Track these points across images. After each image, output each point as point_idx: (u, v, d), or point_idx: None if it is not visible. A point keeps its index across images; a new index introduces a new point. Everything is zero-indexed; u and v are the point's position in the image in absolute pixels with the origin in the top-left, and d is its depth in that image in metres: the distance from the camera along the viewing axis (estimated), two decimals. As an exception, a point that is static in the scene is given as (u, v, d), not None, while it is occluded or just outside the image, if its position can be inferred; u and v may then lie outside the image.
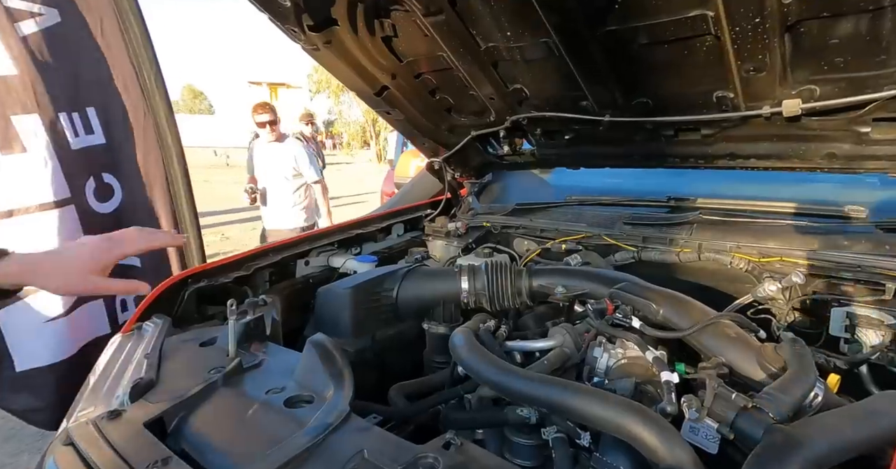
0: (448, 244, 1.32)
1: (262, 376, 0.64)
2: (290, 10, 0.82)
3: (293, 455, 0.45)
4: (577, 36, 0.70)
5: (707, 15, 0.59)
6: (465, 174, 1.38)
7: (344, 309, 0.89)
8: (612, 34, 0.68)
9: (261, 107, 2.52)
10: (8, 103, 1.18)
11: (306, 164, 2.52)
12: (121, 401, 0.58)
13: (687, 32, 0.63)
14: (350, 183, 9.14)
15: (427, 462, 0.43)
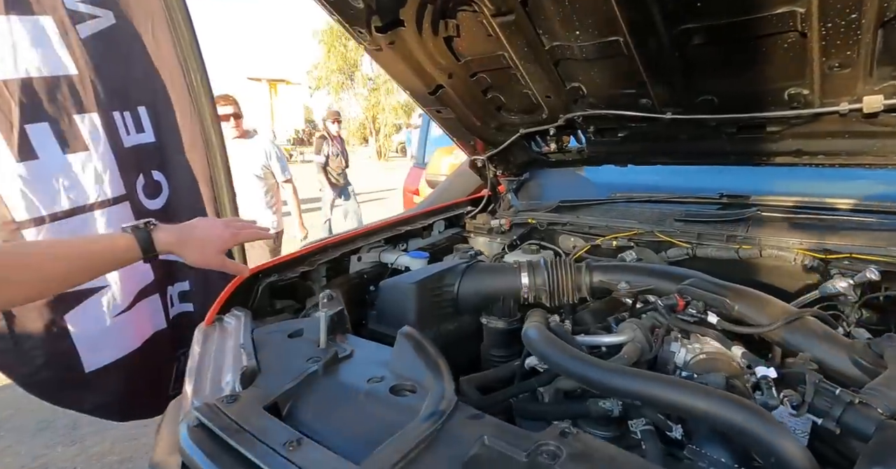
0: (491, 241, 1.34)
1: (357, 366, 0.66)
2: (361, 12, 0.84)
3: (418, 440, 0.48)
4: (652, 34, 0.72)
5: (797, 12, 0.59)
6: (507, 172, 1.40)
7: (409, 303, 0.91)
8: (689, 32, 0.69)
9: (222, 98, 2.25)
10: (71, 102, 1.21)
11: (277, 163, 2.39)
12: (231, 387, 0.61)
13: (770, 29, 0.64)
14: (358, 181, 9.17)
15: (549, 449, 0.46)
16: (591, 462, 0.44)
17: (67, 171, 1.22)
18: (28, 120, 1.15)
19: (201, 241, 0.72)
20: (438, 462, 0.47)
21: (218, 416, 0.55)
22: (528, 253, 1.20)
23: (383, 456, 0.47)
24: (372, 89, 24.91)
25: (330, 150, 3.80)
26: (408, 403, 0.57)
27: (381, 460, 0.46)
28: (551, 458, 0.45)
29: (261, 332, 0.76)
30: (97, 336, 1.24)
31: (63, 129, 1.21)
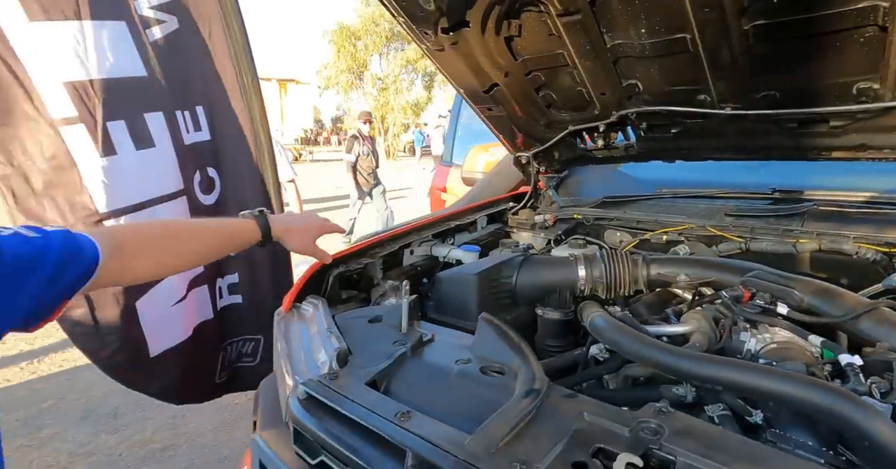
0: (535, 236, 1.37)
1: (441, 349, 0.70)
2: (431, 14, 0.88)
3: (522, 415, 0.51)
4: (722, 31, 0.74)
5: (879, 6, 0.61)
6: (549, 169, 1.43)
7: (471, 294, 0.95)
8: (760, 28, 0.71)
9: None
10: (141, 102, 1.28)
11: (281, 162, 2.42)
12: (329, 366, 0.65)
13: (847, 24, 0.65)
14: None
15: (650, 426, 0.48)
16: (693, 438, 0.47)
17: (138, 167, 1.29)
18: (109, 117, 1.23)
19: (302, 230, 0.81)
20: (545, 434, 0.50)
21: (326, 390, 0.59)
22: (575, 247, 1.23)
23: (492, 428, 0.50)
24: (381, 89, 25.07)
25: (361, 149, 3.87)
26: (501, 382, 0.60)
27: (491, 431, 0.50)
28: (653, 433, 0.48)
29: (342, 318, 0.80)
30: (159, 323, 1.31)
31: (135, 126, 1.28)
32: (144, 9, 1.28)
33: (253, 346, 1.58)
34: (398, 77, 24.73)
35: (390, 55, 24.59)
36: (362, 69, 24.91)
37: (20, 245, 0.49)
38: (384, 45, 24.02)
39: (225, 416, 2.25)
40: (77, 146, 1.20)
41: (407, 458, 0.49)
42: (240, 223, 0.76)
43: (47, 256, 0.50)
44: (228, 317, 1.54)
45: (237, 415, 2.26)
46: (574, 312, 1.00)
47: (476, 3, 0.86)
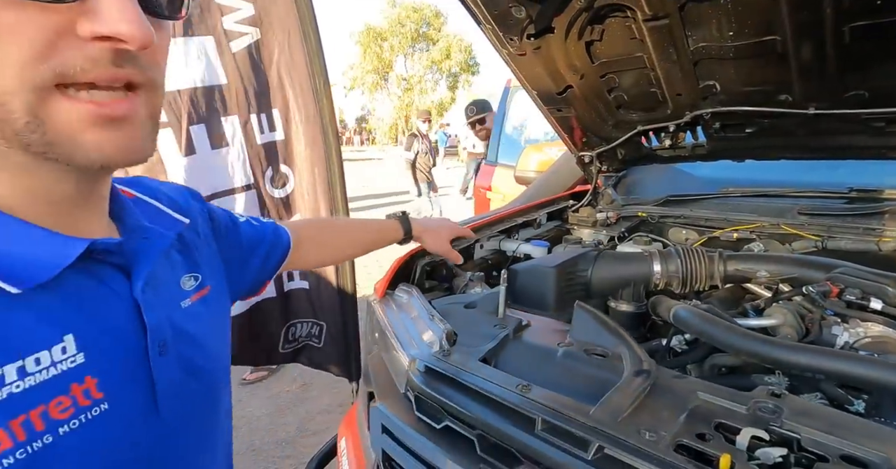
0: (596, 233, 1.41)
1: (539, 333, 0.76)
2: (520, 21, 0.93)
3: (638, 391, 0.56)
4: (816, 33, 0.76)
5: None
6: (610, 168, 1.46)
7: (549, 286, 1.00)
8: (858, 29, 0.73)
9: None
10: (220, 107, 1.41)
11: None
12: (439, 345, 0.72)
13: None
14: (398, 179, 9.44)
15: (767, 406, 0.52)
16: (813, 417, 0.50)
17: (213, 164, 1.45)
18: (191, 122, 1.38)
19: (437, 231, 0.94)
20: (664, 408, 0.54)
21: (445, 365, 0.66)
22: (641, 244, 1.26)
23: (613, 400, 0.55)
24: (405, 89, 25.36)
25: (420, 147, 4.00)
26: (606, 363, 0.65)
27: (613, 403, 0.55)
28: (771, 412, 0.52)
29: (438, 304, 0.87)
30: None
31: (213, 129, 1.42)
32: (230, 23, 1.41)
33: (318, 330, 1.69)
34: (422, 77, 24.97)
35: (415, 56, 24.86)
36: (387, 70, 25.23)
37: (251, 229, 0.62)
38: (409, 45, 24.32)
39: (278, 403, 2.38)
40: (164, 147, 1.37)
41: (536, 424, 0.55)
42: (386, 223, 0.88)
43: (265, 240, 0.64)
44: (294, 298, 1.66)
45: (288, 401, 2.39)
46: (645, 306, 1.04)
47: (564, 11, 0.90)
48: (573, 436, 0.52)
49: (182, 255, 0.46)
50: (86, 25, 0.26)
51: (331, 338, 1.68)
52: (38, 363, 0.29)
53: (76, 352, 0.32)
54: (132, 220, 0.40)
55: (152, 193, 0.47)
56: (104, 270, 0.35)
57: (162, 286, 0.40)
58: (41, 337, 0.30)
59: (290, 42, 1.50)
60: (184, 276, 0.44)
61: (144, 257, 0.38)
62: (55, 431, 0.30)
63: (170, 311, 0.40)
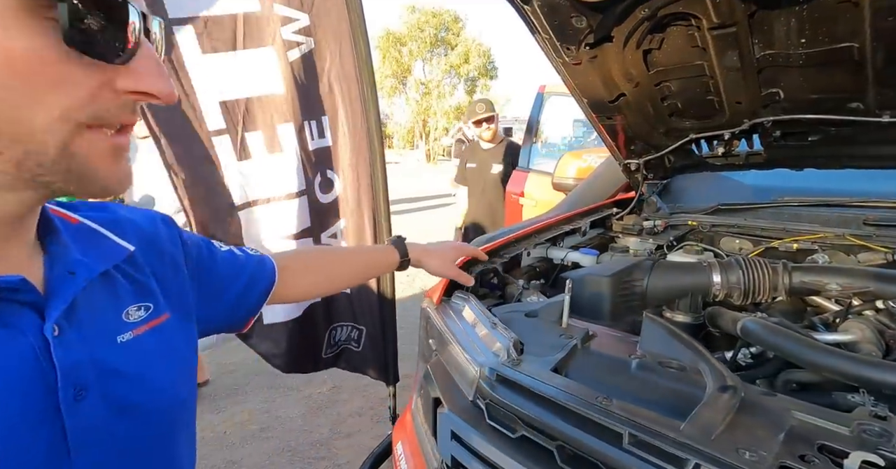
0: (642, 241, 1.39)
1: (606, 343, 0.75)
2: (580, 31, 0.94)
3: (728, 407, 0.55)
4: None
5: None
6: (657, 176, 1.44)
7: (604, 295, 0.99)
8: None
9: None
10: (276, 114, 1.46)
11: None
12: (507, 353, 0.72)
13: None
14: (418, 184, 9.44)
15: (874, 429, 0.50)
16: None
17: (268, 169, 1.49)
18: (248, 129, 1.43)
19: (441, 253, 0.89)
20: (758, 427, 0.53)
21: (517, 374, 0.66)
22: (692, 254, 1.23)
23: (703, 416, 0.54)
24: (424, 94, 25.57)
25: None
26: (685, 377, 0.64)
27: (704, 419, 0.54)
28: (878, 436, 0.50)
29: (498, 312, 0.87)
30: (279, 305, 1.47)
31: (268, 135, 1.46)
32: (287, 33, 1.45)
33: (357, 334, 1.71)
34: (441, 82, 25.14)
35: (433, 60, 25.08)
36: (406, 74, 25.51)
37: (232, 260, 0.60)
38: (428, 50, 24.55)
39: (310, 404, 2.41)
40: (222, 152, 1.42)
41: (624, 438, 0.54)
42: (382, 250, 0.84)
43: (245, 271, 0.60)
44: (337, 301, 1.69)
45: (320, 403, 2.42)
46: (702, 317, 1.02)
47: (626, 20, 0.90)
48: (664, 452, 0.51)
49: (131, 283, 0.42)
50: (127, 82, 0.31)
51: (370, 342, 1.70)
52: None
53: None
54: (60, 249, 0.37)
55: (106, 219, 0.44)
56: (10, 309, 0.32)
57: (91, 320, 0.37)
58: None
59: (342, 51, 1.54)
60: (130, 306, 0.41)
61: (61, 293, 0.34)
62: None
63: (96, 349, 0.36)
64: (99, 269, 0.39)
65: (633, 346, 0.75)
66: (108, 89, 0.31)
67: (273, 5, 1.42)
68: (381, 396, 2.44)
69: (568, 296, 0.80)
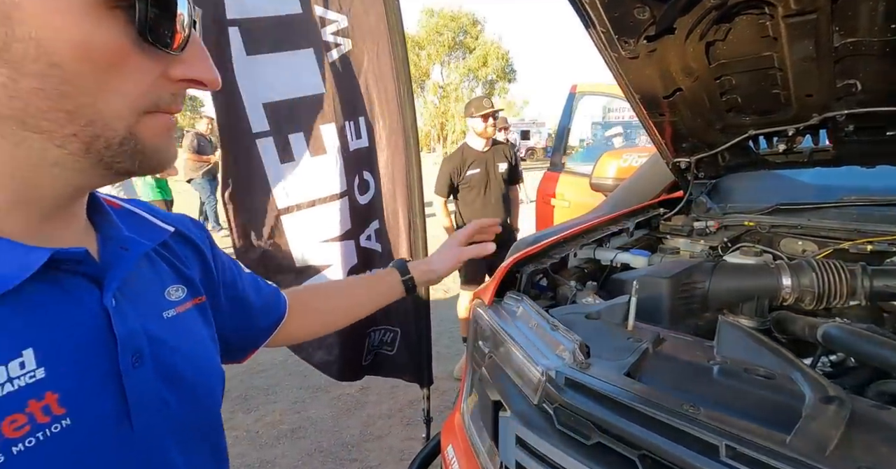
0: (693, 242, 1.33)
1: (678, 347, 0.71)
2: (641, 23, 0.90)
3: (838, 420, 0.50)
4: None
5: None
6: (708, 174, 1.38)
7: (662, 297, 0.94)
8: None
9: None
10: (319, 115, 1.46)
11: None
12: (573, 356, 0.69)
13: None
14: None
15: None
16: None
17: (311, 171, 1.48)
18: (290, 131, 1.43)
19: (441, 256, 0.82)
20: (878, 443, 0.48)
21: (589, 378, 0.63)
22: (750, 255, 1.17)
23: (812, 429, 0.50)
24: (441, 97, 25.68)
25: None
26: (779, 385, 0.60)
27: (813, 432, 0.49)
28: None
29: (556, 313, 0.84)
30: None
31: (312, 137, 1.46)
32: (327, 35, 1.46)
33: (392, 337, 1.69)
34: (459, 85, 25.21)
35: (451, 64, 25.18)
36: (424, 78, 25.70)
37: (253, 281, 0.60)
38: (446, 53, 24.67)
39: (340, 405, 2.41)
40: (266, 154, 1.42)
41: (721, 450, 0.50)
42: (382, 274, 0.79)
43: (260, 297, 0.60)
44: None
45: (350, 405, 2.42)
46: (769, 322, 0.96)
47: (692, 10, 0.86)
48: (771, 468, 0.47)
49: (170, 266, 0.45)
50: (180, 70, 0.34)
51: (404, 343, 1.69)
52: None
53: (35, 367, 0.30)
54: (111, 229, 0.40)
55: (145, 208, 0.47)
56: (73, 281, 0.34)
57: (140, 295, 0.39)
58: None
59: (379, 51, 1.54)
60: (170, 286, 0.44)
61: (118, 266, 0.37)
62: (7, 450, 0.28)
63: (148, 321, 0.39)
64: (147, 246, 0.41)
65: (708, 351, 0.71)
66: (165, 78, 0.33)
67: (314, 7, 1.43)
68: (409, 399, 2.42)
69: (635, 297, 0.76)
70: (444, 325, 3.24)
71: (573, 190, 2.50)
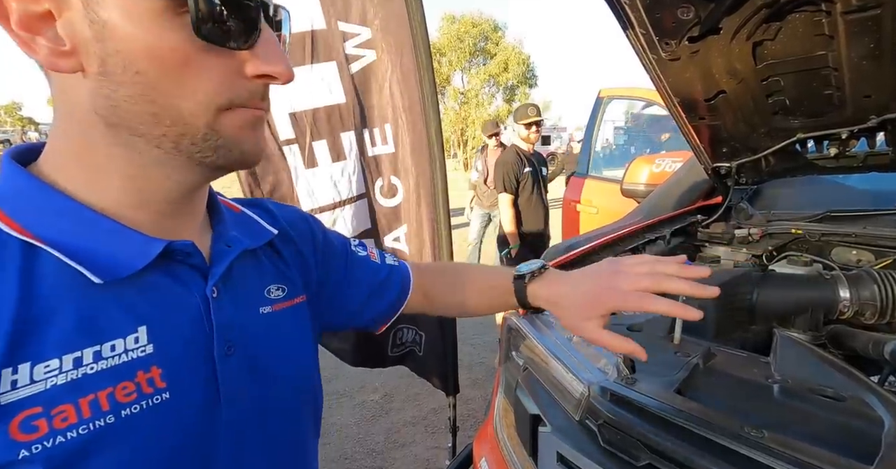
0: (734, 251, 1.27)
1: (730, 363, 0.67)
2: (685, 24, 0.87)
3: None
4: None
5: None
6: (752, 180, 1.32)
7: (707, 310, 0.89)
8: None
9: None
10: (339, 124, 1.51)
11: None
12: (617, 371, 0.66)
13: None
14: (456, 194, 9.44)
15: None
16: None
17: (333, 175, 1.54)
18: (314, 139, 1.49)
19: (573, 308, 0.54)
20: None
21: (637, 395, 0.60)
22: (798, 265, 1.11)
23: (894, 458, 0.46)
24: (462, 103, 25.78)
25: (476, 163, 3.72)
26: (851, 408, 0.55)
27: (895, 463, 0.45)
28: None
29: (597, 325, 0.81)
30: None
31: (333, 144, 1.51)
32: (350, 48, 1.50)
33: (420, 339, 1.69)
34: (479, 91, 25.27)
35: (472, 70, 25.28)
36: (445, 84, 25.90)
37: (364, 263, 0.60)
38: (467, 60, 24.80)
39: (364, 413, 2.41)
40: (291, 161, 1.48)
41: (789, 479, 0.47)
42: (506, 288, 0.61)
43: (377, 276, 0.61)
44: None
45: (374, 412, 2.41)
46: (823, 337, 0.90)
47: (740, 9, 0.83)
48: (850, 499, 0.43)
49: (273, 266, 0.48)
50: (252, 67, 0.35)
51: (430, 348, 1.68)
52: (112, 349, 0.33)
53: (147, 342, 0.34)
54: (222, 228, 0.44)
55: (259, 211, 0.51)
56: (183, 270, 0.38)
57: (241, 290, 0.42)
58: (118, 326, 0.34)
59: (402, 60, 1.55)
60: (271, 285, 0.46)
61: (219, 261, 0.41)
62: (118, 413, 0.32)
63: (244, 314, 0.41)
64: (248, 244, 0.44)
65: (765, 368, 0.66)
66: (239, 75, 0.34)
67: (338, 23, 1.48)
68: (432, 406, 2.40)
69: (682, 309, 0.72)
70: (467, 333, 3.21)
71: (601, 196, 2.44)
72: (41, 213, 0.33)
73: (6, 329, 0.30)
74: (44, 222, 0.33)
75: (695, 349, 0.71)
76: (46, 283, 0.32)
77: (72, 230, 0.34)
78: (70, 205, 0.34)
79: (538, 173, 2.67)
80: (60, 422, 0.30)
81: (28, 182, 0.34)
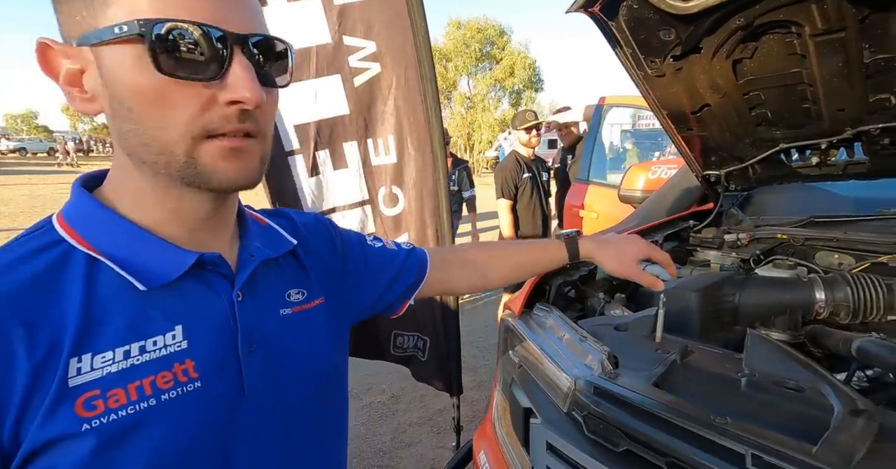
0: (724, 255, 1.32)
1: (708, 359, 0.73)
2: (668, 44, 0.94)
3: (867, 434, 0.51)
4: None
5: None
6: (739, 187, 1.38)
7: (692, 311, 0.95)
8: None
9: None
10: (343, 134, 1.59)
11: None
12: (600, 367, 0.72)
13: None
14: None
15: None
16: None
17: (334, 183, 1.65)
18: (318, 148, 1.58)
19: (619, 249, 0.77)
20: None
21: (618, 388, 0.66)
22: (783, 268, 1.16)
23: (839, 441, 0.51)
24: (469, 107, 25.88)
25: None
26: (807, 398, 0.61)
27: (840, 444, 0.51)
28: None
29: (584, 325, 0.87)
30: None
31: (335, 153, 1.59)
32: (354, 61, 1.57)
33: (423, 344, 1.75)
34: (485, 96, 25.38)
35: (478, 75, 25.42)
36: (451, 89, 26.03)
37: (381, 252, 0.67)
38: (473, 65, 24.94)
39: (371, 413, 2.47)
40: (296, 169, 1.59)
41: (746, 459, 0.53)
42: (548, 247, 0.77)
43: (394, 262, 0.67)
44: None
45: (381, 412, 2.47)
46: (801, 336, 0.95)
47: (718, 31, 0.89)
48: (796, 475, 0.49)
49: (294, 271, 0.53)
50: (224, 95, 0.38)
51: (434, 352, 1.74)
52: (154, 344, 0.39)
53: (182, 339, 0.40)
54: (248, 239, 0.49)
55: (282, 222, 0.56)
56: (213, 278, 0.44)
57: (262, 294, 0.47)
58: (159, 325, 0.40)
59: (406, 73, 1.63)
60: (291, 289, 0.51)
61: (245, 269, 0.46)
62: (159, 397, 0.38)
63: (265, 316, 0.46)
64: (269, 254, 0.49)
65: (736, 364, 0.72)
66: (213, 103, 0.38)
67: (343, 37, 1.56)
68: (438, 407, 2.46)
69: (662, 310, 0.79)
70: (471, 335, 3.27)
71: (602, 201, 2.49)
72: (100, 230, 0.41)
73: (74, 327, 0.36)
74: (102, 238, 0.40)
75: (674, 347, 0.77)
76: (103, 289, 0.39)
77: (122, 244, 0.40)
78: (121, 223, 0.41)
79: (538, 179, 2.72)
80: (114, 402, 0.36)
81: (90, 204, 0.42)
